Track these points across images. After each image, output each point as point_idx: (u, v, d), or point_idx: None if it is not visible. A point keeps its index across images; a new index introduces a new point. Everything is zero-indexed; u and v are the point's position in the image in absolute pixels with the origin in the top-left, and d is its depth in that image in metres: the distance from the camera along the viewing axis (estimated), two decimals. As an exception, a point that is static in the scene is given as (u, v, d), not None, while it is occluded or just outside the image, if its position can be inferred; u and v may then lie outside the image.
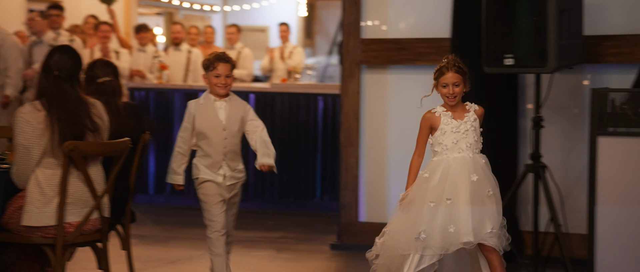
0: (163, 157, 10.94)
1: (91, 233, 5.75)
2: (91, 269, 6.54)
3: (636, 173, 6.62)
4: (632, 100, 6.68)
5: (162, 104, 11.23)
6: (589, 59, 7.67)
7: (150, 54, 13.03)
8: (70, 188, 5.49)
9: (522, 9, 7.21)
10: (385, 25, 8.62)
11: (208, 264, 7.58)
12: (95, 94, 6.07)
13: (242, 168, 6.43)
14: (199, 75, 13.12)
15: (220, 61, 6.20)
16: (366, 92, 8.59)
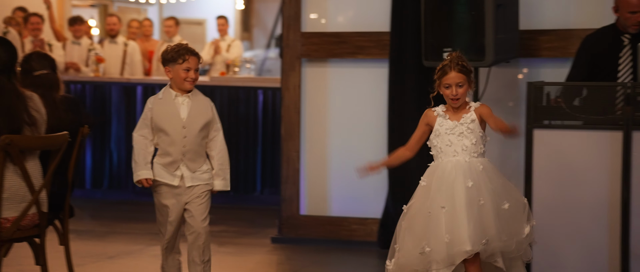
0: (100, 151, 11.02)
1: (28, 228, 5.63)
2: (28, 265, 6.49)
3: (570, 164, 6.67)
4: (566, 93, 6.74)
5: (98, 97, 11.16)
6: (525, 53, 7.83)
7: (85, 46, 12.98)
8: (7, 183, 5.39)
9: (460, 3, 7.33)
10: (325, 19, 8.63)
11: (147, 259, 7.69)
12: (31, 87, 5.96)
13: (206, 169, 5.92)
14: (136, 69, 13.16)
15: (191, 54, 5.75)
16: (307, 86, 8.60)
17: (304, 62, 8.60)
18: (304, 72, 8.60)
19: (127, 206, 10.45)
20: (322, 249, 8.30)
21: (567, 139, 6.77)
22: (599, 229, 6.70)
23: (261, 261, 7.90)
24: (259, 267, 7.74)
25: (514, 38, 7.54)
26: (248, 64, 15.76)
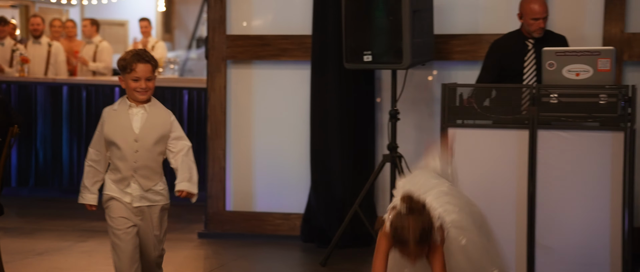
0: (26, 150, 10.98)
1: None
2: None
3: (481, 161, 6.84)
4: (477, 94, 6.93)
5: (24, 97, 11.09)
6: (438, 56, 7.95)
7: (8, 47, 12.89)
8: None
9: (378, 9, 7.37)
10: (250, 22, 8.65)
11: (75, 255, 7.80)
12: None
13: (160, 189, 5.35)
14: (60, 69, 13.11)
15: (139, 61, 5.16)
16: (232, 87, 8.64)
17: (229, 63, 8.63)
18: (229, 74, 8.63)
19: (53, 203, 10.42)
20: (248, 244, 8.34)
21: (478, 138, 6.95)
22: (508, 221, 6.84)
23: (188, 256, 7.90)
24: (187, 261, 7.71)
25: (429, 42, 7.65)
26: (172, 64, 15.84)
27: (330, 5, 8.08)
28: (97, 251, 7.86)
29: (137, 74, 5.13)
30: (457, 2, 8.20)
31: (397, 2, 7.22)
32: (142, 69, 5.13)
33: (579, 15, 7.91)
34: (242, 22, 8.65)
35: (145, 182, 5.21)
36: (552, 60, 6.82)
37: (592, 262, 6.71)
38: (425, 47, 7.53)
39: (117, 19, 19.35)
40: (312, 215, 8.34)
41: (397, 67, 7.34)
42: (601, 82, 6.74)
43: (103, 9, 19.06)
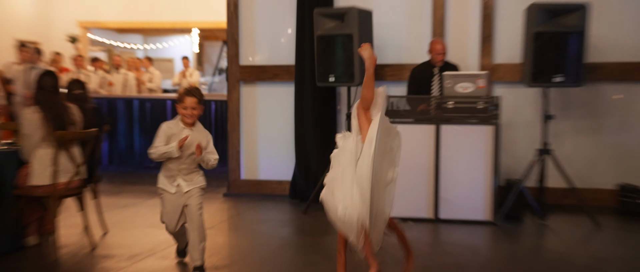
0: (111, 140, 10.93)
1: (74, 189, 5.87)
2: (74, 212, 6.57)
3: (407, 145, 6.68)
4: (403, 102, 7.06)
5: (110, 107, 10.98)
6: (377, 78, 7.60)
7: (100, 75, 13.06)
8: (60, 161, 5.62)
9: (338, 47, 7.32)
10: (254, 57, 8.58)
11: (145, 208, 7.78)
12: (72, 101, 6.20)
13: (199, 180, 5.26)
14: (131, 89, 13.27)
15: (187, 96, 5.11)
16: (243, 98, 8.62)
17: (241, 83, 8.59)
18: (241, 90, 8.61)
19: (129, 175, 10.37)
20: (254, 200, 8.29)
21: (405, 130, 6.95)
22: (423, 181, 6.99)
23: (217, 208, 7.84)
24: (216, 211, 7.65)
25: None
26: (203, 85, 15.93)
27: (307, 46, 8.08)
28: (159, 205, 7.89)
29: (185, 104, 5.11)
30: (388, 43, 8.08)
31: (350, 43, 7.23)
32: (189, 102, 5.11)
33: (465, 52, 7.94)
34: (249, 57, 8.60)
35: (187, 177, 5.16)
36: (449, 80, 6.97)
37: (475, 207, 6.91)
38: None
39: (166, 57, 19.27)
40: (296, 181, 8.34)
41: (351, 85, 7.39)
42: (479, 94, 6.91)
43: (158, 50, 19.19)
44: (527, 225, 7.00)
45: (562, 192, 7.47)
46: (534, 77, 6.93)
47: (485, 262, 5.58)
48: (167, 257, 5.62)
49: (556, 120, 7.54)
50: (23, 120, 5.80)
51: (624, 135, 7.85)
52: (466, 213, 6.99)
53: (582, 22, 6.78)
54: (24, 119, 5.79)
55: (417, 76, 7.67)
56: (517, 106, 7.92)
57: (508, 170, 7.87)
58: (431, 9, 8.05)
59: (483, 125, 6.94)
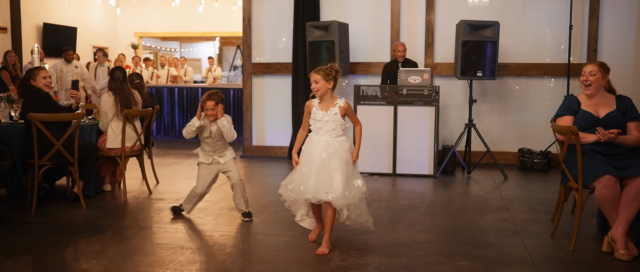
0: (159, 117, 10.76)
1: (136, 151, 5.81)
2: (136, 168, 6.78)
3: (372, 121, 6.91)
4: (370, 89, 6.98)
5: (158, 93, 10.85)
6: (351, 71, 8.00)
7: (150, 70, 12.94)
8: (127, 131, 5.61)
9: (323, 49, 7.33)
10: (262, 56, 8.45)
11: (185, 165, 7.75)
12: (133, 88, 6.17)
13: (230, 153, 4.89)
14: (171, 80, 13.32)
15: (207, 99, 4.68)
16: (254, 87, 8.51)
17: (253, 76, 8.49)
18: (253, 81, 8.50)
19: (172, 143, 10.26)
20: (263, 161, 8.19)
21: (372, 110, 6.99)
22: (384, 147, 6.97)
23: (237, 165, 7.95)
24: None
25: (347, 65, 7.67)
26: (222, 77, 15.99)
27: (300, 49, 8.00)
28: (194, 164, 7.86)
29: (206, 107, 4.66)
30: (359, 47, 8.05)
31: (332, 46, 7.25)
32: (209, 104, 4.64)
33: (415, 54, 7.88)
34: (258, 57, 8.48)
35: (220, 154, 4.80)
36: (403, 74, 6.97)
37: (421, 164, 6.93)
38: (346, 67, 7.56)
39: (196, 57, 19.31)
40: (291, 146, 8.23)
41: None
42: (424, 84, 6.91)
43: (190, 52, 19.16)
44: (458, 177, 7.04)
45: (481, 154, 7.52)
46: (462, 72, 6.96)
47: (429, 203, 5.62)
48: (202, 200, 5.57)
49: (477, 103, 7.69)
50: (102, 102, 5.76)
51: (523, 113, 7.94)
52: (415, 169, 7.03)
53: (495, 34, 6.87)
54: (103, 101, 5.75)
55: (387, 70, 7.61)
56: (450, 93, 7.97)
57: (444, 139, 7.92)
58: (390, 22, 8.04)
59: (427, 107, 6.95)
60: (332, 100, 3.99)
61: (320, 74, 3.97)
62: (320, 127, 3.97)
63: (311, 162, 3.90)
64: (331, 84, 3.97)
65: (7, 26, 12.29)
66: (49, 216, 4.95)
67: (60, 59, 10.78)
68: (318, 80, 3.97)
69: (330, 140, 3.94)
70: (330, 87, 3.98)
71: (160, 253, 3.94)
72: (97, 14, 15.63)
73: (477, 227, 4.71)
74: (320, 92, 3.99)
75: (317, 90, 3.99)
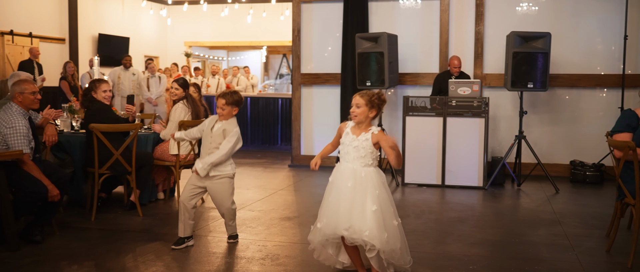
0: None
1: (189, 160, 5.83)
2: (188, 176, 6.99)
3: (422, 131, 6.97)
4: (420, 101, 7.00)
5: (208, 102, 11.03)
6: (400, 82, 7.99)
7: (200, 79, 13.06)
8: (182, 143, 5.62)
9: (373, 61, 7.28)
10: (311, 67, 8.50)
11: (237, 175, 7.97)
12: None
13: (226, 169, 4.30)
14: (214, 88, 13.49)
15: (219, 97, 4.27)
16: (303, 97, 8.56)
17: (302, 86, 8.54)
18: (302, 91, 8.56)
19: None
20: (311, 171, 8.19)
21: (421, 121, 6.99)
22: (433, 158, 6.95)
23: (284, 175, 7.78)
24: (285, 177, 7.58)
25: (396, 76, 7.62)
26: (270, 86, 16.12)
27: (349, 60, 8.04)
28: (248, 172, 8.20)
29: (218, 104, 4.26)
30: (408, 57, 8.03)
31: (381, 58, 7.23)
32: (219, 102, 4.23)
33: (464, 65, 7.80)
34: (307, 67, 8.54)
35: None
36: (453, 86, 6.93)
37: (470, 176, 6.88)
38: (394, 78, 7.52)
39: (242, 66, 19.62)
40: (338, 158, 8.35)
41: (382, 87, 7.27)
42: (474, 95, 6.87)
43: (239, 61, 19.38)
44: (507, 189, 6.96)
45: (532, 166, 7.40)
46: (512, 84, 6.88)
47: (478, 216, 5.58)
48: (254, 210, 5.68)
49: (528, 114, 7.60)
50: (176, 111, 5.88)
51: (574, 125, 7.80)
52: (464, 180, 6.98)
53: (546, 46, 6.77)
54: (178, 111, 5.87)
55: (439, 81, 7.62)
56: (500, 104, 7.89)
57: (493, 150, 7.84)
58: (438, 33, 8.03)
59: (476, 118, 6.91)
60: (367, 128, 3.53)
61: (364, 98, 3.53)
62: (348, 152, 3.52)
63: (337, 192, 3.46)
64: (373, 113, 3.52)
65: (65, 37, 12.74)
66: (108, 222, 5.12)
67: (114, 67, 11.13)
68: (360, 104, 3.52)
69: (357, 168, 3.46)
70: (372, 116, 3.52)
71: (216, 262, 4.03)
72: (148, 25, 16.02)
73: (529, 241, 4.66)
74: (358, 119, 3.52)
75: (355, 116, 3.52)
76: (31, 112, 4.82)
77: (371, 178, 3.46)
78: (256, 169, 8.44)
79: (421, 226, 5.13)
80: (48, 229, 4.68)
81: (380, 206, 3.40)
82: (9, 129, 4.37)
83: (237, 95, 4.33)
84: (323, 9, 8.53)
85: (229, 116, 4.30)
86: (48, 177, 4.43)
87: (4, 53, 11.17)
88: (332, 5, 8.45)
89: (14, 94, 4.53)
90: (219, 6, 15.94)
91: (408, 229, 4.94)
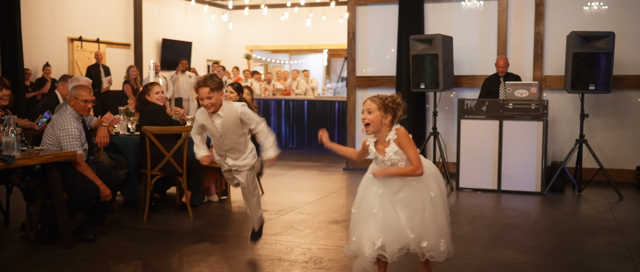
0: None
1: None
2: None
3: (478, 135, 6.84)
4: (476, 104, 6.84)
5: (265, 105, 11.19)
6: (455, 85, 7.88)
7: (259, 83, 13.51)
8: None
9: (427, 63, 7.22)
10: (366, 70, 8.48)
11: (288, 179, 7.87)
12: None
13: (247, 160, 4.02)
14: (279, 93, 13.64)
15: (199, 87, 3.76)
16: (358, 100, 8.50)
17: (357, 89, 8.54)
18: (357, 94, 8.54)
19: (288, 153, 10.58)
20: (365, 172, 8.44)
21: (475, 124, 6.86)
22: (489, 162, 6.81)
23: (339, 178, 7.77)
24: (338, 181, 7.57)
25: (451, 78, 7.56)
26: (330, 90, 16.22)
27: (404, 62, 7.96)
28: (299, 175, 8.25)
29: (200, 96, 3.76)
30: (464, 60, 7.92)
31: (436, 60, 7.17)
32: (202, 93, 3.73)
33: (522, 66, 7.68)
34: (362, 70, 8.52)
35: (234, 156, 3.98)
36: (510, 88, 6.79)
37: (528, 181, 6.70)
38: (449, 81, 7.47)
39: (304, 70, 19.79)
40: None
41: (436, 90, 7.28)
42: (532, 98, 6.70)
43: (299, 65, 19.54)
44: (567, 195, 6.73)
45: (594, 171, 7.10)
46: (573, 86, 6.65)
47: (533, 222, 5.42)
48: (303, 212, 5.71)
49: (590, 118, 7.35)
50: None
51: None
52: (521, 185, 6.78)
53: (609, 46, 6.51)
54: None
55: (487, 84, 7.50)
56: (561, 107, 7.64)
57: (553, 154, 7.58)
58: (496, 35, 7.87)
59: (535, 121, 6.71)
60: (386, 137, 3.13)
61: (375, 102, 3.11)
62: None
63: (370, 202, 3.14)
64: (388, 118, 3.11)
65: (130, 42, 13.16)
66: (159, 223, 5.23)
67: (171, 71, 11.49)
68: (372, 109, 3.10)
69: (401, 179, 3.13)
70: (387, 122, 3.11)
71: (259, 264, 4.06)
72: (210, 29, 16.36)
73: (585, 250, 4.48)
74: (372, 127, 3.11)
75: (367, 123, 3.11)
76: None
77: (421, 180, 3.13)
78: (311, 171, 8.47)
79: (472, 231, 5.02)
80: (101, 228, 4.82)
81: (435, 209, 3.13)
82: (62, 131, 4.53)
83: (216, 77, 3.87)
84: (378, 11, 8.49)
85: (219, 103, 3.81)
86: (101, 178, 4.57)
87: (73, 58, 11.64)
88: (388, 7, 8.40)
89: (70, 97, 4.69)
90: (279, 10, 16.10)
91: (458, 234, 4.84)
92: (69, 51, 11.64)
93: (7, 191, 5.17)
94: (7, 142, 4.00)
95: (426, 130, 7.97)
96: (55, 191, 4.30)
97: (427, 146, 7.83)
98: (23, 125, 5.16)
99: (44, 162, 4.18)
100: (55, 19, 11.40)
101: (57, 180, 4.29)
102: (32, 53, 10.64)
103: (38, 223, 4.61)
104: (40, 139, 4.71)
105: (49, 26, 11.26)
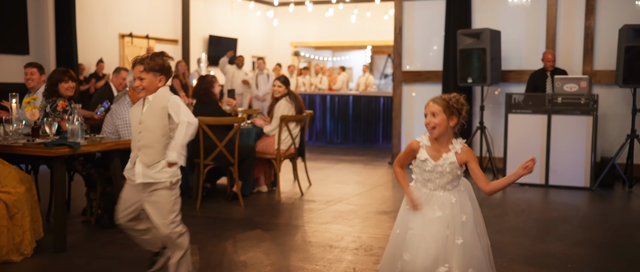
0: (313, 123, 11.21)
1: (290, 154, 6.08)
2: (289, 170, 7.01)
3: (526, 129, 6.83)
4: (524, 98, 6.88)
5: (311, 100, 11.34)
6: (503, 80, 7.83)
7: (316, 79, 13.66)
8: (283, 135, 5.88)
9: (474, 57, 7.25)
10: (412, 65, 8.50)
11: (334, 172, 7.95)
12: None
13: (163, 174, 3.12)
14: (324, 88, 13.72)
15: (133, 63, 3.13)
16: (404, 95, 8.54)
17: (403, 84, 8.53)
18: (403, 89, 8.55)
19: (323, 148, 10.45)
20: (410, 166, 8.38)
21: (522, 119, 6.86)
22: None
23: (384, 172, 7.77)
24: (384, 174, 7.57)
25: (499, 73, 7.53)
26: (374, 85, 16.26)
27: (451, 57, 7.97)
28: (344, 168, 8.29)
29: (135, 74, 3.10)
30: (512, 55, 7.87)
31: (483, 54, 7.17)
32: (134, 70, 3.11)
33: (572, 61, 7.61)
34: (408, 65, 8.53)
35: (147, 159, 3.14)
36: (559, 82, 6.76)
37: (576, 176, 6.66)
38: (497, 75, 7.44)
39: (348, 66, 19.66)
40: None
41: (484, 85, 7.30)
42: (581, 92, 6.66)
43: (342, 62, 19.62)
44: (617, 191, 6.66)
45: (646, 167, 7.00)
46: (625, 80, 6.59)
47: (583, 216, 5.39)
48: (350, 203, 5.78)
49: (642, 113, 7.14)
50: (280, 107, 6.04)
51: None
52: (569, 181, 6.73)
53: (665, 39, 6.40)
54: (283, 107, 6.03)
55: (533, 79, 7.44)
56: (612, 102, 7.50)
57: (603, 150, 7.45)
58: (545, 29, 7.80)
59: (584, 116, 6.67)
60: (448, 144, 2.82)
61: (440, 104, 2.81)
62: (428, 178, 2.83)
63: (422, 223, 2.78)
64: (454, 122, 2.80)
65: (178, 39, 13.47)
66: (211, 211, 5.39)
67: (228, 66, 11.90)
68: (437, 112, 2.79)
69: (445, 195, 2.81)
70: (453, 125, 2.80)
71: (311, 250, 4.17)
72: (256, 26, 16.57)
73: (638, 243, 4.45)
74: (437, 131, 2.79)
75: (433, 128, 2.78)
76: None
77: (464, 200, 2.82)
78: (356, 165, 8.53)
79: (521, 224, 5.03)
80: (157, 215, 4.98)
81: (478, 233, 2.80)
82: (120, 120, 4.74)
83: (160, 58, 3.16)
84: (425, 6, 8.52)
85: (153, 89, 3.15)
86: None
87: (124, 54, 11.98)
88: (434, 2, 8.41)
89: (129, 87, 4.88)
90: (323, 7, 16.20)
91: (506, 226, 4.87)
92: (120, 47, 11.98)
93: (68, 178, 5.39)
94: (73, 130, 4.19)
95: (472, 125, 7.90)
96: (115, 177, 4.48)
97: (473, 140, 7.82)
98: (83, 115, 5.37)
99: (106, 150, 4.37)
100: (108, 16, 11.75)
101: (117, 167, 4.47)
102: (86, 49, 11.00)
103: (98, 209, 4.81)
104: (98, 128, 4.91)
105: (102, 23, 11.62)
